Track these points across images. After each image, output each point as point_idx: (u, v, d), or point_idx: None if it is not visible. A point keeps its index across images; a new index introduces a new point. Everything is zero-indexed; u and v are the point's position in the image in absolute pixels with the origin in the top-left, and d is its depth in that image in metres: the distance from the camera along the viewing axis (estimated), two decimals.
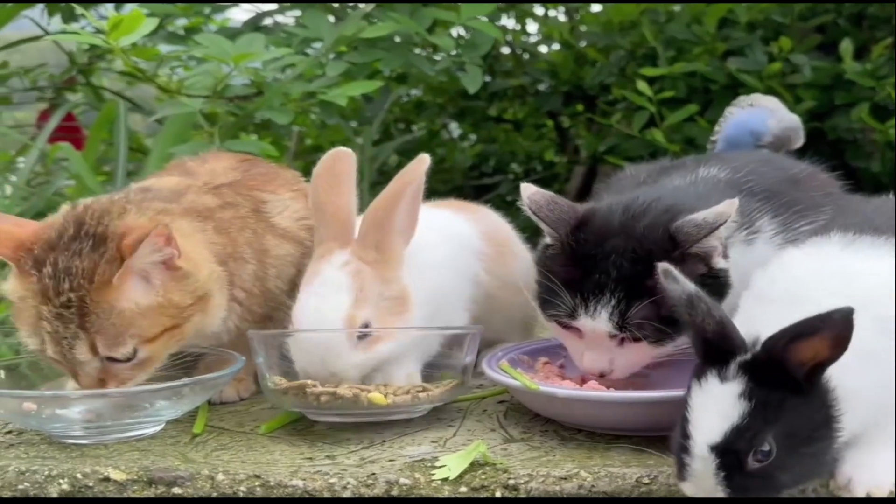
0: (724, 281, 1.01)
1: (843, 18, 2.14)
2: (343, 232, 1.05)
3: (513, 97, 2.75)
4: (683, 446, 0.80)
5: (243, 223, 1.13)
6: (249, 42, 1.70)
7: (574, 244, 1.03)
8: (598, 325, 0.99)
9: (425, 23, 1.80)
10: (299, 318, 1.02)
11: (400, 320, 1.03)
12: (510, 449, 0.96)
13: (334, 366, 0.99)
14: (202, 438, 1.02)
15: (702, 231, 0.98)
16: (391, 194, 1.03)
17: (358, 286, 1.01)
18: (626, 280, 0.98)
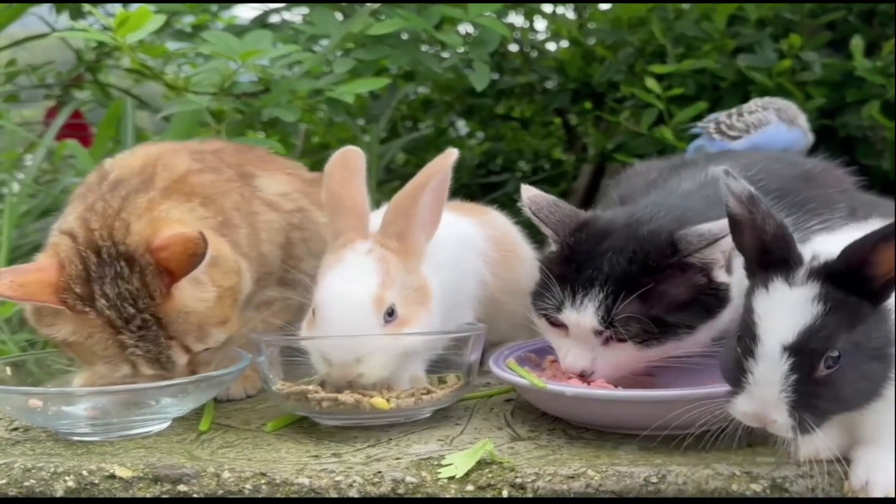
0: (722, 296, 1.00)
1: (853, 15, 2.12)
2: (360, 224, 1.04)
3: (520, 95, 2.74)
4: (748, 351, 0.79)
5: (227, 186, 1.13)
6: (257, 39, 1.69)
7: (573, 244, 1.03)
8: (582, 319, 0.99)
9: (433, 20, 1.79)
10: (325, 299, 1.00)
11: (424, 311, 1.02)
12: (517, 447, 0.96)
13: (359, 349, 0.97)
14: (208, 436, 1.02)
15: (703, 241, 0.97)
16: (416, 185, 1.03)
17: (384, 270, 1.00)
18: (618, 276, 0.98)
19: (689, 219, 1.01)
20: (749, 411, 0.81)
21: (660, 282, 0.98)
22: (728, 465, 0.89)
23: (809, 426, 0.79)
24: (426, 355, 1.06)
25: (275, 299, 1.18)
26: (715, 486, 0.87)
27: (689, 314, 0.99)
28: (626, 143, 2.26)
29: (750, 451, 0.92)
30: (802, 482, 0.86)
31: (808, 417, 0.79)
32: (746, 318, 0.81)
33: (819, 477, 0.86)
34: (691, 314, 0.99)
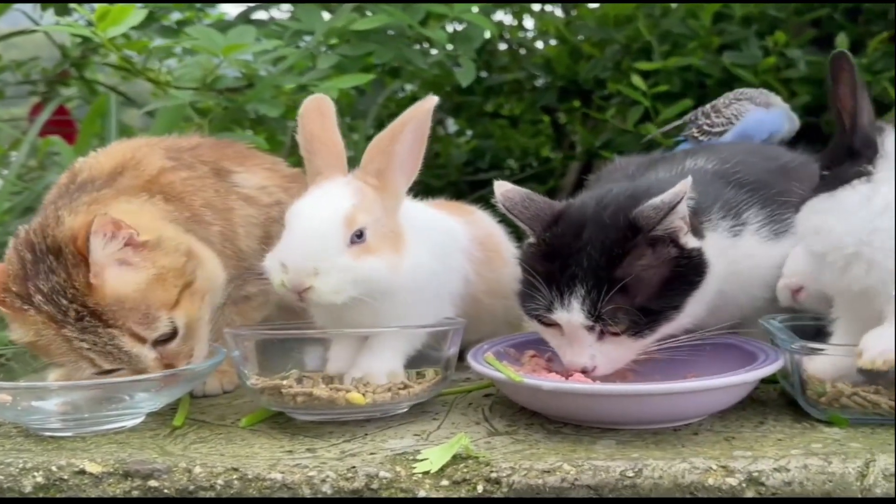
0: (699, 260, 1.00)
1: (838, 13, 2.12)
2: (339, 163, 1.05)
3: (509, 92, 2.74)
4: None
5: (201, 183, 1.13)
6: (240, 34, 1.69)
7: (550, 240, 1.02)
8: (572, 317, 0.99)
9: (418, 16, 1.79)
10: (295, 211, 1.00)
11: (395, 253, 1.01)
12: (494, 442, 0.95)
13: (320, 259, 0.96)
14: (182, 431, 1.01)
15: (660, 212, 0.96)
16: (396, 125, 1.03)
17: (361, 196, 1.00)
18: (596, 270, 0.97)
19: (643, 195, 1.00)
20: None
21: (635, 265, 0.97)
22: (704, 459, 0.89)
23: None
24: (403, 350, 1.05)
25: (254, 294, 1.17)
26: (691, 480, 0.87)
27: (672, 293, 0.98)
28: (612, 140, 2.27)
29: (727, 446, 0.92)
30: (779, 476, 0.86)
31: None
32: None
33: (796, 471, 0.86)
34: (675, 292, 0.99)
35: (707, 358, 1.09)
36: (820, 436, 0.94)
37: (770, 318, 1.08)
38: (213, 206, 1.12)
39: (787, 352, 1.00)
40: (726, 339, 1.13)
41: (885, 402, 0.97)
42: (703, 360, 1.09)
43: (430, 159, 2.89)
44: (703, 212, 1.05)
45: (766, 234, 1.09)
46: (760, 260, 1.10)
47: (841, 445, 0.91)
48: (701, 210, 1.05)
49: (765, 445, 0.92)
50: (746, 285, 1.11)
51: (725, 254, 1.05)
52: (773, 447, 0.91)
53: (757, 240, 1.08)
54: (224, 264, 1.11)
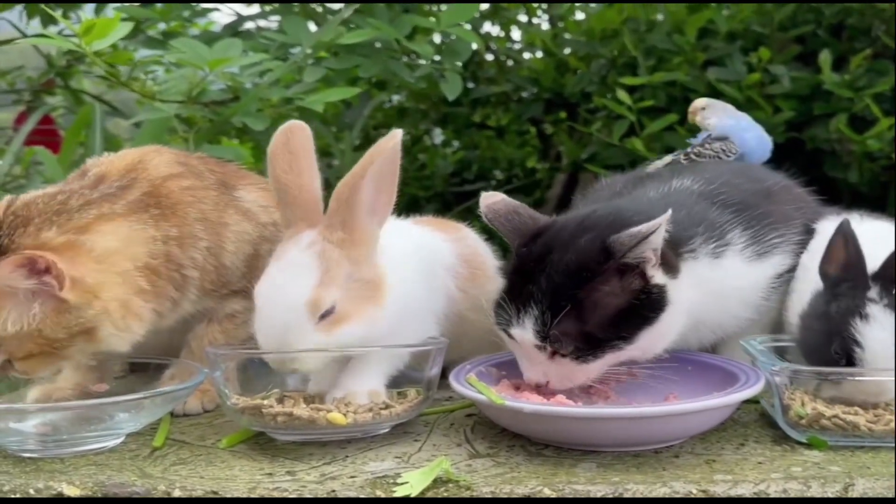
0: (657, 298, 1.00)
1: (822, 29, 2.14)
2: (310, 211, 1.02)
3: (496, 104, 2.74)
4: None
5: (203, 194, 1.12)
6: (227, 47, 1.68)
7: (523, 255, 1.03)
8: (524, 336, 0.99)
9: (405, 29, 1.79)
10: (260, 297, 0.99)
11: (371, 305, 1.00)
12: (475, 465, 0.95)
13: (292, 346, 0.97)
14: (162, 452, 1.01)
15: (634, 240, 0.97)
16: (356, 169, 1.00)
17: (324, 267, 0.98)
18: (553, 291, 0.98)
19: (627, 221, 1.00)
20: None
21: (594, 291, 0.97)
22: (685, 483, 0.89)
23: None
24: (385, 370, 1.05)
25: (238, 312, 1.17)
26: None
27: (624, 324, 0.99)
28: (598, 154, 2.27)
29: (708, 469, 0.92)
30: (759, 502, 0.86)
31: None
32: None
33: (775, 496, 0.86)
34: (627, 323, 0.99)
35: (689, 378, 1.10)
36: (800, 459, 0.95)
37: (750, 340, 1.09)
38: (208, 219, 1.11)
39: (767, 374, 1.01)
40: (708, 358, 1.14)
41: (863, 424, 0.98)
42: (684, 380, 1.10)
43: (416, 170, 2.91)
44: (684, 240, 1.05)
45: (750, 254, 1.10)
46: (743, 280, 1.11)
47: (820, 469, 0.92)
48: (683, 238, 1.05)
49: (745, 469, 0.92)
50: (729, 305, 1.11)
51: (706, 280, 1.05)
52: (754, 471, 0.91)
53: (740, 260, 1.09)
54: (204, 279, 1.11)
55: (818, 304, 1.06)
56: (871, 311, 1.00)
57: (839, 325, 1.01)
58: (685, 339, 1.10)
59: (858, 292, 1.02)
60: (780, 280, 1.14)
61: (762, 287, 1.13)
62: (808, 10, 2.15)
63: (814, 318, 1.06)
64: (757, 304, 1.13)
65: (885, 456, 0.95)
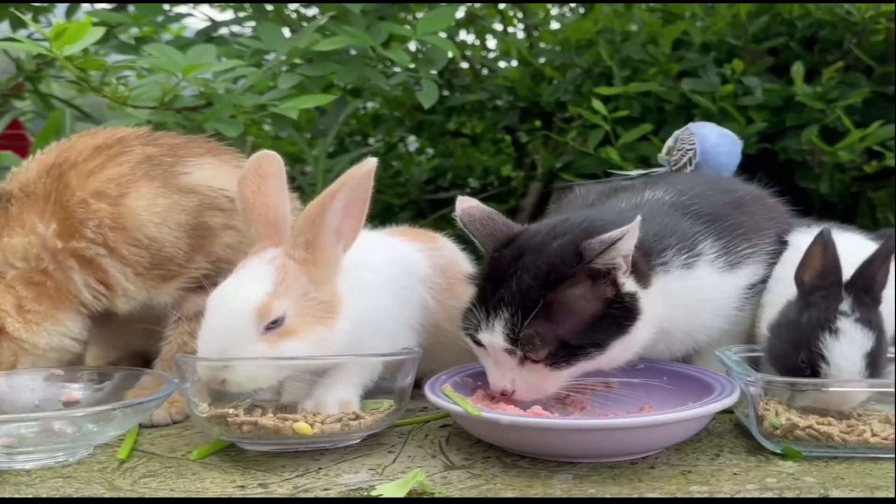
0: (630, 306, 1.00)
1: (795, 42, 2.16)
2: (275, 232, 1.02)
3: (471, 112, 2.74)
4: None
5: (106, 172, 1.12)
6: (200, 53, 1.67)
7: (494, 261, 1.02)
8: (493, 340, 0.99)
9: (380, 37, 1.79)
10: (210, 301, 0.98)
11: (323, 326, 0.99)
12: (450, 477, 0.94)
13: (228, 353, 0.95)
14: (131, 464, 0.99)
15: (603, 245, 0.96)
16: (325, 195, 1.00)
17: (280, 279, 0.97)
18: (524, 294, 0.97)
19: (599, 228, 1.00)
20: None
21: (565, 295, 0.97)
22: (661, 493, 0.89)
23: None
24: (358, 380, 1.03)
25: None
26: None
27: (598, 332, 0.98)
28: (573, 163, 2.28)
29: (683, 480, 0.92)
30: None
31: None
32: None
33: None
34: (599, 331, 0.98)
35: (664, 388, 1.10)
36: (775, 469, 0.95)
37: (725, 350, 1.09)
38: (104, 194, 1.10)
39: (742, 384, 1.01)
40: (684, 369, 1.14)
41: (837, 434, 0.98)
42: (660, 391, 1.10)
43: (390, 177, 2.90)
44: (657, 251, 1.05)
45: (722, 265, 1.10)
46: (715, 291, 1.11)
47: (795, 480, 0.92)
48: (655, 250, 1.05)
49: (721, 480, 0.92)
50: (700, 316, 1.11)
51: (677, 291, 1.05)
52: (729, 482, 0.91)
53: (712, 271, 1.09)
54: (125, 256, 1.10)
55: (790, 312, 1.07)
56: (841, 326, 1.01)
57: (808, 337, 1.02)
58: (656, 349, 1.10)
59: (831, 303, 1.03)
60: (752, 290, 1.14)
61: (734, 297, 1.13)
62: (781, 23, 2.18)
63: (784, 327, 1.06)
64: (729, 314, 1.13)
65: (859, 467, 0.95)
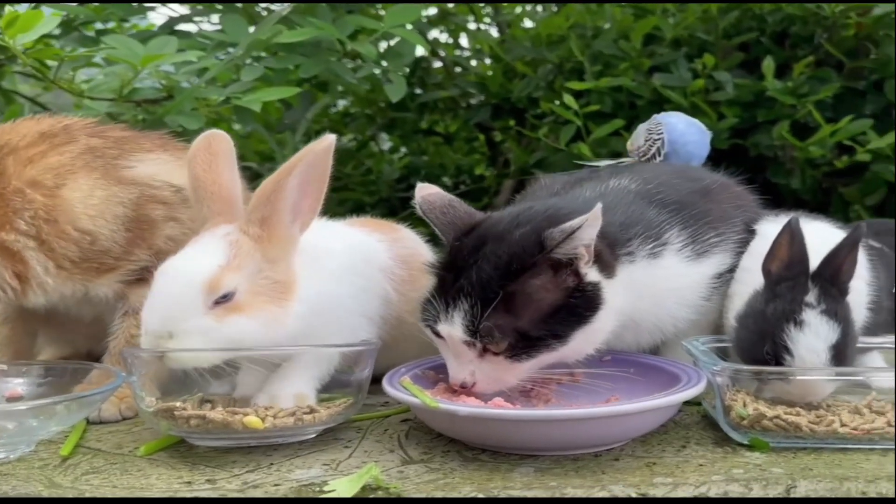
0: (592, 296, 0.97)
1: (765, 37, 2.15)
2: (228, 209, 0.99)
3: (444, 110, 2.72)
4: None
5: (46, 161, 1.07)
6: (161, 45, 1.63)
7: (454, 250, 0.99)
8: (452, 331, 0.96)
9: (347, 29, 1.75)
10: (161, 271, 0.94)
11: (275, 305, 0.95)
12: (407, 471, 0.91)
13: (174, 324, 0.91)
14: (74, 461, 0.95)
15: (563, 234, 0.94)
16: (282, 169, 0.96)
17: (233, 253, 0.94)
18: (484, 285, 0.94)
19: (562, 217, 0.97)
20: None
21: (526, 285, 0.94)
22: (624, 486, 0.86)
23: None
24: (315, 373, 1.00)
25: None
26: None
27: (558, 322, 0.95)
28: (545, 159, 2.25)
29: (648, 472, 0.89)
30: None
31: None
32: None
33: (716, 499, 0.84)
34: (561, 322, 0.96)
35: (631, 380, 1.08)
36: (741, 461, 0.92)
37: (693, 341, 1.07)
38: (39, 183, 1.06)
39: (709, 374, 0.98)
40: (650, 360, 1.11)
41: (805, 425, 0.96)
42: (627, 382, 1.07)
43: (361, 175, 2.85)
44: (622, 241, 1.03)
45: (689, 253, 1.08)
46: (682, 280, 1.08)
47: (762, 471, 0.89)
48: (621, 239, 1.03)
49: (686, 471, 0.89)
50: (667, 306, 1.09)
51: (643, 281, 1.03)
52: (695, 473, 0.89)
53: (678, 260, 1.07)
54: (54, 249, 1.05)
55: (756, 303, 1.05)
56: (806, 318, 0.99)
57: (773, 327, 1.00)
58: (623, 340, 1.07)
59: (797, 294, 1.01)
60: (720, 280, 1.12)
61: (702, 287, 1.10)
62: (751, 18, 2.17)
63: (750, 317, 1.04)
64: (696, 304, 1.10)
65: (828, 457, 0.93)
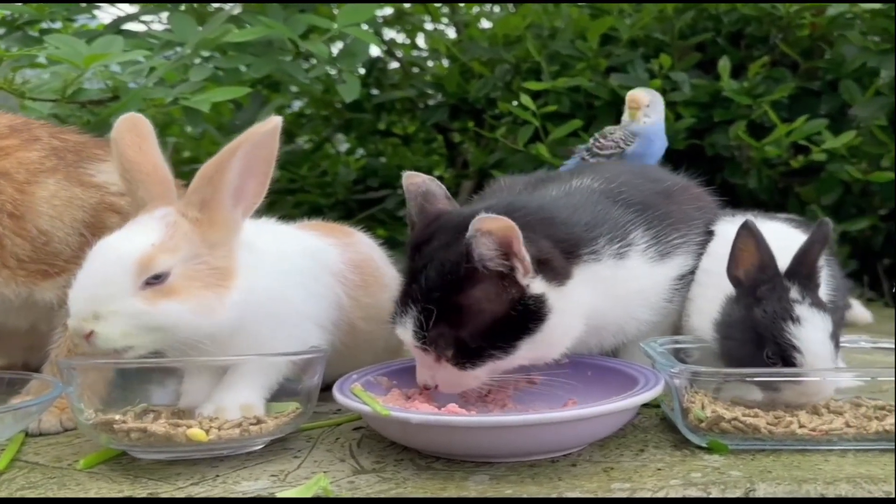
0: (536, 308, 0.94)
1: (721, 37, 2.16)
2: (165, 192, 0.95)
3: (401, 111, 2.69)
4: None
5: (19, 155, 1.06)
6: (106, 44, 1.58)
7: (412, 250, 0.97)
8: (406, 336, 0.95)
9: (299, 28, 1.72)
10: (93, 250, 0.90)
11: (210, 292, 0.91)
12: (358, 482, 0.88)
13: (102, 304, 0.87)
14: (9, 475, 0.90)
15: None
16: (225, 150, 0.93)
17: (169, 234, 0.90)
18: (430, 292, 0.92)
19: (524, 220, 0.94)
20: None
21: (467, 297, 0.92)
22: (581, 492, 0.84)
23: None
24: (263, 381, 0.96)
25: None
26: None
27: (499, 334, 0.93)
28: (504, 160, 2.24)
29: (605, 477, 0.87)
30: None
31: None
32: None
33: None
34: (504, 333, 0.93)
35: (589, 383, 1.06)
36: (700, 464, 0.91)
37: (651, 342, 1.05)
38: (11, 176, 1.03)
39: (667, 376, 0.97)
40: (608, 362, 1.10)
41: (763, 426, 0.95)
42: (585, 386, 1.05)
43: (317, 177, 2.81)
44: (587, 241, 1.00)
45: (653, 255, 1.06)
46: (646, 282, 1.07)
47: (721, 474, 0.88)
48: (585, 239, 1.00)
49: (644, 476, 0.87)
50: (631, 308, 1.07)
51: (608, 282, 1.01)
52: (653, 477, 0.87)
53: (643, 261, 1.05)
54: (15, 246, 1.02)
55: (734, 310, 1.02)
56: (801, 313, 0.97)
57: (770, 330, 0.97)
58: (585, 343, 1.05)
59: (781, 294, 0.99)
60: (682, 281, 1.10)
61: (665, 288, 1.09)
62: (707, 19, 2.17)
63: (734, 326, 1.01)
64: (659, 305, 1.09)
65: (786, 459, 0.92)
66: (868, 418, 0.96)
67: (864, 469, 0.88)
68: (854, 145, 1.89)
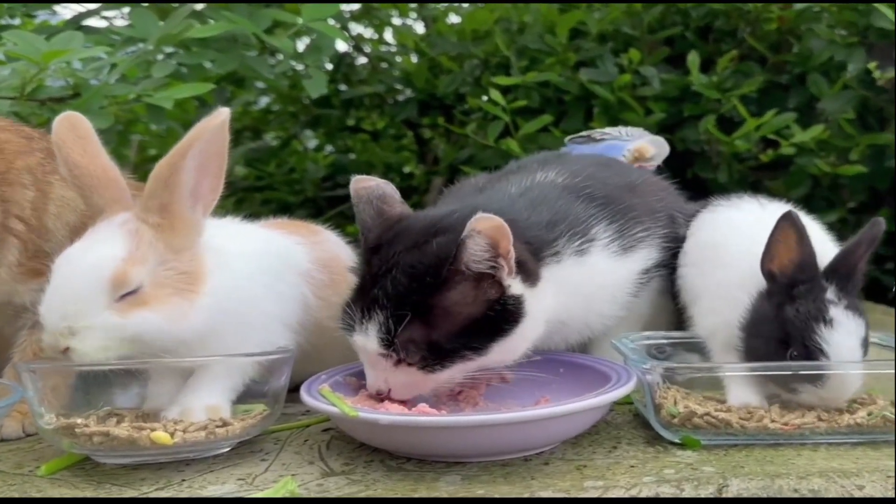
0: (513, 309, 0.93)
1: (690, 31, 2.16)
2: (119, 195, 0.93)
3: (370, 107, 2.67)
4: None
5: (27, 147, 1.05)
6: (66, 40, 1.54)
7: (373, 252, 0.95)
8: (367, 343, 0.92)
9: (264, 23, 1.69)
10: (57, 266, 0.88)
11: (182, 298, 0.89)
12: (326, 484, 0.86)
13: (75, 320, 0.85)
14: None
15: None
16: (176, 150, 0.90)
17: (135, 244, 0.88)
18: (400, 297, 0.90)
19: None
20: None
21: (443, 300, 0.90)
22: (554, 491, 0.83)
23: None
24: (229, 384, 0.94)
25: None
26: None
27: (476, 335, 0.92)
28: (474, 156, 2.23)
29: (578, 475, 0.86)
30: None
31: None
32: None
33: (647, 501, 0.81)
34: (479, 335, 0.92)
35: (561, 380, 1.05)
36: (673, 460, 0.90)
37: (622, 338, 1.04)
38: (34, 172, 1.04)
39: (639, 372, 0.96)
40: (580, 359, 1.09)
41: (736, 421, 0.94)
42: (557, 383, 1.04)
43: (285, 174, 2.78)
44: (548, 242, 0.99)
45: (616, 249, 1.05)
46: (610, 277, 1.06)
47: (694, 470, 0.87)
48: (546, 240, 0.99)
49: (617, 473, 0.87)
50: (595, 304, 1.06)
51: (571, 280, 1.00)
52: (626, 475, 0.86)
53: (606, 255, 1.04)
54: (28, 236, 1.02)
55: (765, 308, 0.97)
56: (835, 315, 0.93)
57: (800, 330, 0.94)
58: (550, 340, 1.04)
59: (818, 294, 0.95)
60: (647, 276, 1.10)
61: (629, 283, 1.08)
62: (676, 13, 2.17)
63: (763, 324, 0.97)
64: (624, 300, 1.08)
65: (759, 454, 0.91)
66: (839, 412, 0.96)
67: (836, 463, 0.88)
68: (822, 139, 1.89)
